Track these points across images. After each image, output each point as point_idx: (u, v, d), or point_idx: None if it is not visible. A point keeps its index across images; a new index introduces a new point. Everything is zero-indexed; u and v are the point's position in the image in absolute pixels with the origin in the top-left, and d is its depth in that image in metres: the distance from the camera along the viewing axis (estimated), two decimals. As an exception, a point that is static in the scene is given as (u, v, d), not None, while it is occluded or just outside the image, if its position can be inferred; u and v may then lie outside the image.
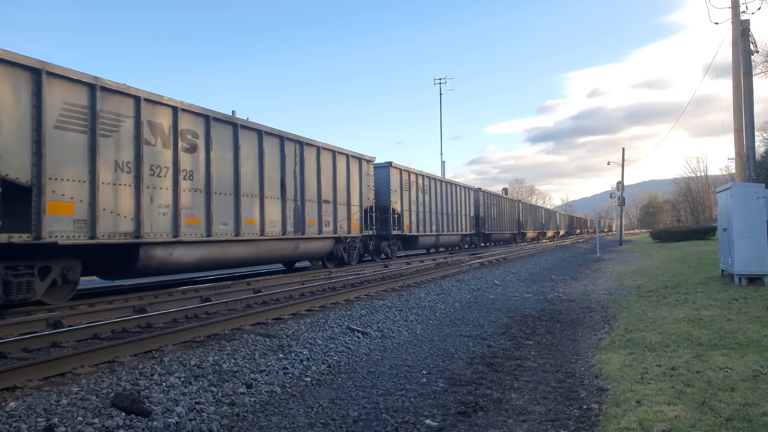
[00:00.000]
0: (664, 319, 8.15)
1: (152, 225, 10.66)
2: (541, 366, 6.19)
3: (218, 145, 12.52)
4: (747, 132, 15.18)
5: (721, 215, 13.27)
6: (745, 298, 9.63)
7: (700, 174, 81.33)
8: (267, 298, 10.10)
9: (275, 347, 6.50)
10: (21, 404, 4.23)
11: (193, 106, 11.78)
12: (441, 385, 5.48)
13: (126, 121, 10.27)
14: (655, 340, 6.75)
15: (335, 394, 5.16)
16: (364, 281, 13.13)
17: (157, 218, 10.77)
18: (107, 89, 9.87)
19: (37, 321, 7.60)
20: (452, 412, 4.65)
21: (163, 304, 9.57)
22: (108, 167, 9.84)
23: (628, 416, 4.14)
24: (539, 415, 4.52)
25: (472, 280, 14.73)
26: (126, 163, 10.21)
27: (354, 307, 9.47)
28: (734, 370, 5.20)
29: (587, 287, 13.99)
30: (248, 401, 4.91)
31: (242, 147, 13.24)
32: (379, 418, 4.54)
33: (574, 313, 9.95)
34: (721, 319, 7.79)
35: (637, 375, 5.26)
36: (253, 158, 13.74)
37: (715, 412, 4.11)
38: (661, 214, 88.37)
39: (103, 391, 4.64)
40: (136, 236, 10.29)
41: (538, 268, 20.78)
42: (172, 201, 11.15)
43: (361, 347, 7.12)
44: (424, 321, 9.18)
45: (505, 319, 9.38)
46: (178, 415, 4.37)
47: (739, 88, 15.21)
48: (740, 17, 15.41)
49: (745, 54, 15.16)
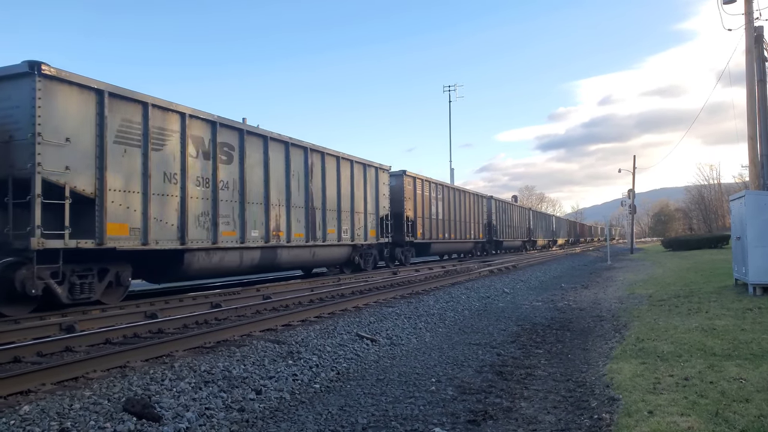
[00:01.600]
0: (676, 328, 8.07)
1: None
2: (551, 375, 6.15)
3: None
4: (761, 139, 15.05)
5: (735, 223, 13.13)
6: (759, 307, 9.50)
7: (713, 182, 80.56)
8: (276, 305, 10.13)
9: (285, 353, 6.52)
10: (34, 408, 4.27)
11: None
12: (450, 393, 5.46)
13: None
14: (667, 349, 6.68)
15: (344, 401, 5.16)
16: (373, 288, 13.12)
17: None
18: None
19: (50, 325, 7.68)
20: (461, 421, 4.63)
21: (173, 309, 9.62)
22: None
23: (640, 426, 4.10)
24: (549, 425, 4.48)
25: (481, 288, 14.67)
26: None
27: (363, 314, 9.47)
28: (748, 381, 5.13)
29: (598, 296, 13.88)
30: (258, 407, 4.93)
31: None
32: (388, 425, 4.53)
33: (584, 321, 9.88)
34: (734, 329, 7.70)
35: (649, 385, 5.20)
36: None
37: (729, 424, 4.05)
38: (673, 222, 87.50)
39: (114, 396, 4.67)
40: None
41: (548, 276, 20.65)
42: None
43: (370, 354, 7.11)
44: (433, 329, 9.15)
45: (515, 328, 9.33)
46: (188, 420, 4.39)
47: (752, 95, 15.09)
48: (754, 24, 15.32)
49: (759, 61, 15.06)
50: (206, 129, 11.99)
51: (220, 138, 12.28)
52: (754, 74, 15.01)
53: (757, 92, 15.00)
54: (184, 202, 11.11)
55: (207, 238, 11.81)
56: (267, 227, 13.59)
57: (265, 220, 13.55)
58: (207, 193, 11.89)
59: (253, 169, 13.27)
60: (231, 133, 12.72)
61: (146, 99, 10.35)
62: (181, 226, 11.07)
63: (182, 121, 11.24)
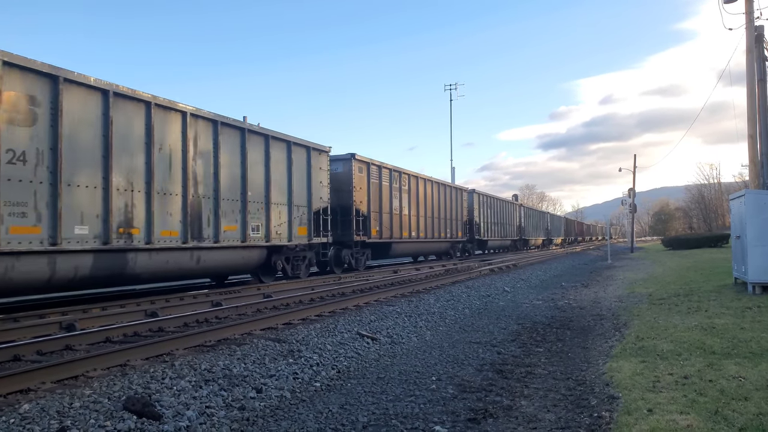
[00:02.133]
0: (676, 327, 8.08)
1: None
2: (551, 373, 6.15)
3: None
4: (761, 138, 15.05)
5: (735, 223, 13.13)
6: (759, 306, 9.51)
7: (713, 181, 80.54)
8: (277, 303, 10.14)
9: (285, 352, 6.53)
10: (34, 406, 4.28)
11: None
12: (450, 391, 5.46)
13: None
14: (666, 348, 6.69)
15: (345, 400, 5.17)
16: (374, 287, 13.14)
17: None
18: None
19: (50, 324, 7.69)
20: (462, 419, 4.63)
21: (174, 308, 9.64)
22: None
23: (639, 425, 4.10)
24: (549, 423, 4.49)
25: (482, 286, 14.67)
26: None
27: (363, 312, 9.47)
28: (748, 379, 5.14)
29: (598, 294, 13.88)
30: (258, 406, 4.93)
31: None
32: (388, 423, 4.54)
33: (584, 320, 9.88)
34: (734, 328, 7.71)
35: (648, 383, 5.21)
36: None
37: (729, 422, 4.06)
38: (673, 222, 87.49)
39: (115, 395, 4.68)
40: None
41: (549, 275, 20.66)
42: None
43: (371, 353, 7.12)
44: (433, 327, 9.16)
45: (515, 326, 9.34)
46: (188, 418, 4.39)
47: (753, 94, 15.09)
48: (754, 23, 15.31)
49: (760, 60, 15.05)
50: (262, 142, 12.67)
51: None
52: (754, 73, 15.00)
53: (758, 91, 14.99)
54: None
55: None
56: (107, 221, 9.43)
57: (102, 211, 9.40)
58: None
59: (78, 131, 9.06)
60: (33, 78, 8.43)
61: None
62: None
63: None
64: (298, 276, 15.26)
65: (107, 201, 9.50)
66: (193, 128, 11.45)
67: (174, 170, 11.01)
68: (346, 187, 18.00)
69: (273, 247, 13.88)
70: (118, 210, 9.72)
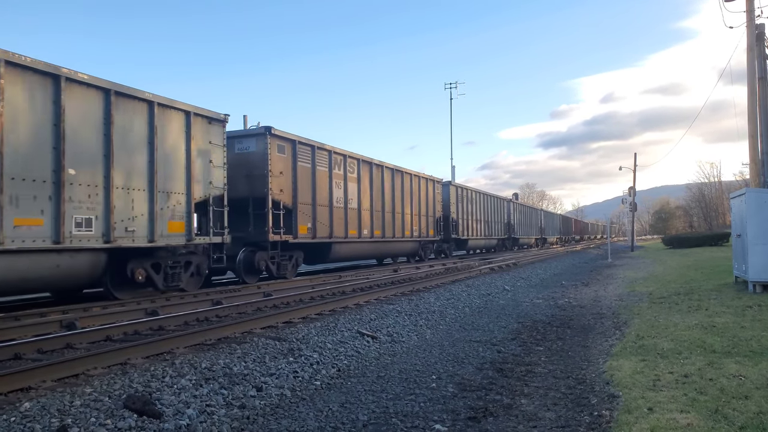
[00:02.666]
0: (676, 325, 8.07)
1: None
2: (551, 372, 6.16)
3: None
4: (762, 137, 15.03)
5: (735, 221, 13.12)
6: (759, 305, 9.51)
7: (714, 179, 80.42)
8: (277, 302, 10.14)
9: (285, 351, 6.53)
10: (35, 405, 4.28)
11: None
12: (451, 390, 5.47)
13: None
14: (667, 346, 6.69)
15: (345, 398, 5.17)
16: (374, 285, 13.13)
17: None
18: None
19: (51, 322, 7.69)
20: (462, 418, 4.64)
21: (174, 306, 9.64)
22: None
23: (639, 423, 4.10)
24: (549, 422, 4.49)
25: (482, 285, 14.68)
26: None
27: (364, 311, 9.48)
28: (748, 378, 5.14)
29: (598, 293, 13.88)
30: (258, 404, 4.94)
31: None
32: (388, 422, 4.54)
33: (584, 319, 9.88)
34: (734, 327, 7.71)
35: (648, 382, 5.21)
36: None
37: (729, 421, 4.06)
38: (674, 220, 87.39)
39: (115, 393, 4.69)
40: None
41: (549, 273, 20.67)
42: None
43: (371, 351, 7.12)
44: (433, 326, 9.16)
45: (516, 325, 9.34)
46: (189, 417, 4.40)
47: (754, 93, 15.06)
48: (755, 22, 15.28)
49: (761, 59, 15.03)
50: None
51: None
52: (755, 72, 14.97)
53: (758, 90, 14.97)
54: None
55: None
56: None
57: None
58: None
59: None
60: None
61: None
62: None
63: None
64: (178, 287, 11.41)
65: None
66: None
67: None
68: (260, 171, 13.94)
69: (120, 250, 9.95)
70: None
